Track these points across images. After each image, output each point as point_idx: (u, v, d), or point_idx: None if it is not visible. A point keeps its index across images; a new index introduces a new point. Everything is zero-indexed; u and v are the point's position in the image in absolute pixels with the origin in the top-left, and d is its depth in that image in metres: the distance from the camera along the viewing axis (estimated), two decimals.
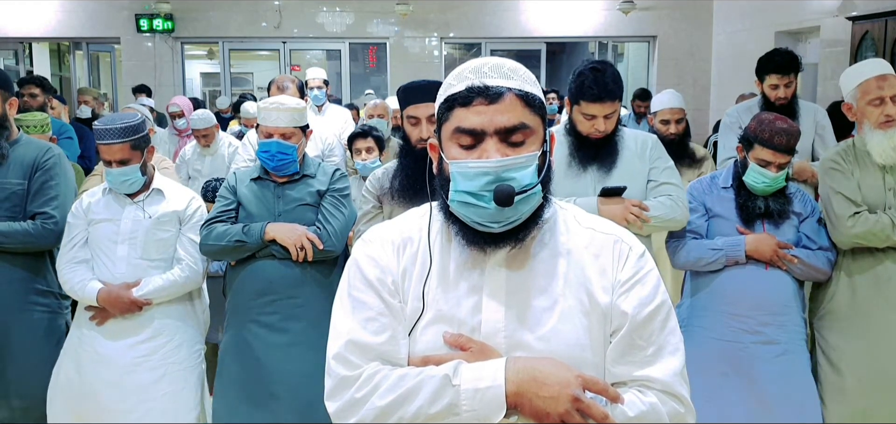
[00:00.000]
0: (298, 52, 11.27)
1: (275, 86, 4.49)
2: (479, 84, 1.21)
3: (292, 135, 2.73)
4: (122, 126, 2.67)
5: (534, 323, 1.23)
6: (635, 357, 1.24)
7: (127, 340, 2.74)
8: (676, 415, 1.23)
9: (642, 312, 1.24)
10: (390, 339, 1.25)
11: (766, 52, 3.72)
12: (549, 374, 1.17)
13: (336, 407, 1.23)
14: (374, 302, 1.26)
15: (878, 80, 2.64)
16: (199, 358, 2.89)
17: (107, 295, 2.69)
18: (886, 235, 2.58)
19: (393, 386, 1.20)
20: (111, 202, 2.79)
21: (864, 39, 6.21)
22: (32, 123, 3.71)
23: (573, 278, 1.26)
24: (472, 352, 1.21)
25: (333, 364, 1.25)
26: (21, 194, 2.79)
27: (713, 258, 2.66)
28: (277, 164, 2.72)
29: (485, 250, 1.24)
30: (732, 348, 2.64)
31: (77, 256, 2.76)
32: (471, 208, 1.20)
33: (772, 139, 2.56)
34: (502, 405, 1.16)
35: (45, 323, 2.89)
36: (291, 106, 2.75)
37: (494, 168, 1.18)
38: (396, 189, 2.52)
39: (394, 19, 10.14)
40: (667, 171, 2.64)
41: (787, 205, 2.69)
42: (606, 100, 2.51)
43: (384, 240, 1.31)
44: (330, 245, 2.69)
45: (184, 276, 2.78)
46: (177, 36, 10.09)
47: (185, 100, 6.08)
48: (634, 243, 1.31)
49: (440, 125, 1.27)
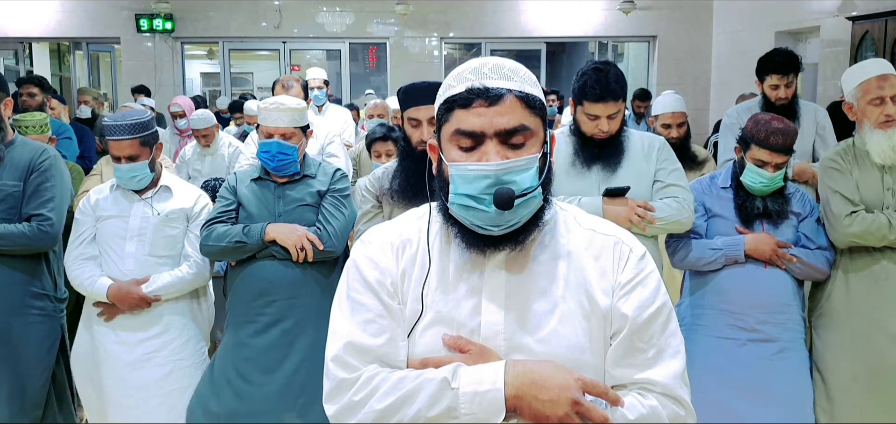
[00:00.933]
0: (298, 51, 11.26)
1: (279, 85, 4.50)
2: (479, 85, 1.20)
3: (293, 136, 2.73)
4: (132, 122, 2.71)
5: (534, 326, 1.23)
6: (635, 359, 1.23)
7: (136, 336, 2.76)
8: (677, 418, 1.22)
9: (643, 314, 1.24)
10: (389, 341, 1.24)
11: (766, 52, 3.71)
12: (549, 377, 1.16)
13: (334, 410, 1.23)
14: (373, 304, 1.26)
15: (879, 80, 2.64)
16: (204, 356, 2.92)
17: (117, 291, 2.72)
18: (883, 235, 2.59)
19: (391, 389, 1.19)
20: (119, 198, 2.81)
21: (864, 39, 6.21)
22: (31, 123, 3.70)
23: (573, 280, 1.25)
24: (472, 355, 1.21)
25: (332, 367, 1.24)
26: (17, 196, 2.78)
27: (713, 257, 2.66)
28: (278, 165, 2.72)
29: (484, 252, 1.24)
30: (731, 346, 2.64)
31: (85, 252, 2.79)
32: (471, 211, 1.20)
33: (768, 139, 2.57)
34: (501, 408, 1.15)
35: (42, 326, 2.88)
36: (292, 106, 2.75)
37: (494, 171, 1.17)
38: (396, 190, 2.52)
39: (394, 19, 10.13)
40: (674, 174, 2.65)
41: (786, 204, 2.70)
42: (609, 100, 2.51)
43: (383, 242, 1.31)
44: (330, 245, 2.68)
45: (192, 273, 2.81)
46: (177, 36, 10.09)
47: (187, 99, 6.07)
48: (635, 244, 1.30)
49: (439, 126, 1.26)
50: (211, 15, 10.00)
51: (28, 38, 10.35)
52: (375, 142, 3.81)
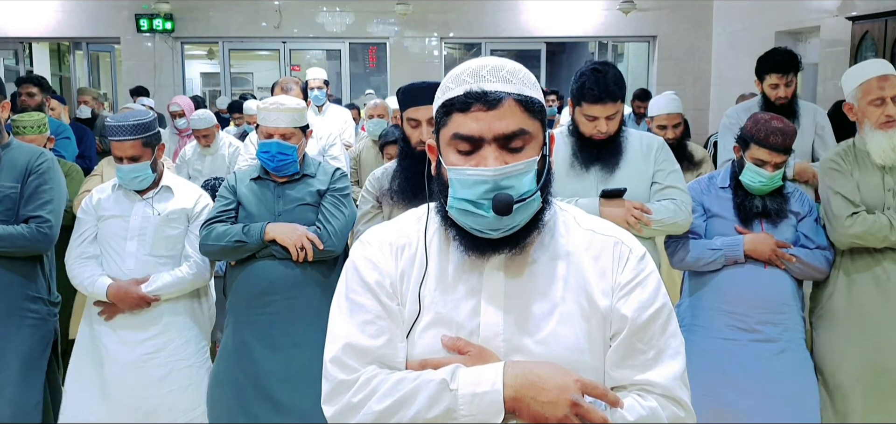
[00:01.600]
0: (298, 51, 11.26)
1: (279, 87, 4.50)
2: (477, 89, 1.19)
3: (292, 136, 2.73)
4: (134, 123, 2.71)
5: (533, 327, 1.22)
6: (635, 360, 1.23)
7: (136, 336, 2.77)
8: (676, 419, 1.21)
9: (642, 315, 1.23)
10: (388, 342, 1.24)
11: (766, 51, 3.71)
12: (548, 379, 1.16)
13: (333, 411, 1.22)
14: (372, 305, 1.25)
15: (880, 81, 2.64)
16: (204, 356, 2.92)
17: (117, 291, 2.72)
18: (884, 235, 2.58)
19: (390, 390, 1.19)
20: (121, 198, 2.82)
21: (864, 39, 6.20)
22: (29, 123, 3.70)
23: (573, 281, 1.25)
24: (471, 356, 1.20)
25: (330, 368, 1.24)
26: (14, 198, 2.79)
27: (712, 258, 2.66)
28: (277, 165, 2.72)
29: (483, 255, 1.23)
30: (731, 347, 2.64)
31: (86, 252, 2.80)
32: (469, 216, 1.19)
33: (767, 138, 2.57)
34: (500, 410, 1.15)
35: (36, 329, 2.88)
36: (291, 106, 2.75)
37: (493, 176, 1.16)
38: (395, 190, 2.52)
39: (394, 19, 10.13)
40: (672, 175, 2.65)
41: (785, 204, 2.69)
42: (607, 101, 2.51)
43: (382, 243, 1.30)
44: (330, 245, 2.68)
45: (192, 273, 2.81)
46: (177, 36, 10.08)
47: (187, 99, 6.06)
48: (635, 245, 1.29)
49: (438, 128, 1.25)
50: (211, 15, 9.99)
51: (28, 38, 10.35)
52: (389, 145, 3.86)
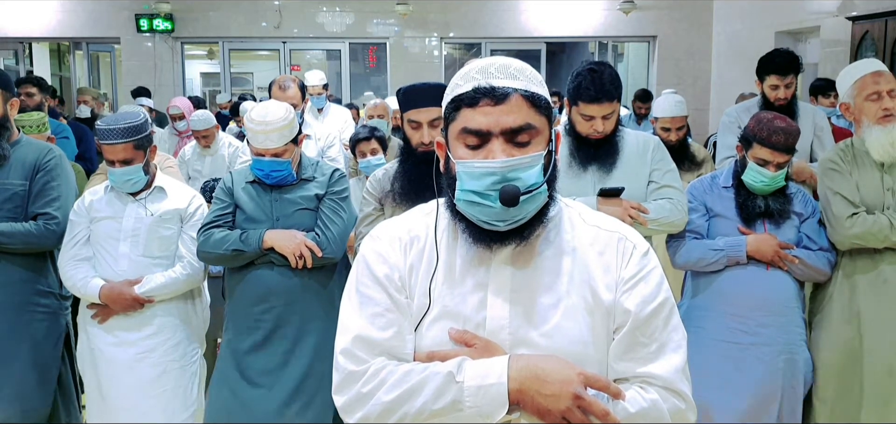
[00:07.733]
0: (298, 52, 11.27)
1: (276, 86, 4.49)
2: (486, 85, 1.22)
3: (284, 151, 2.67)
4: (124, 126, 2.67)
5: (538, 321, 1.25)
6: (638, 354, 1.25)
7: (130, 336, 2.76)
8: (678, 412, 1.24)
9: (645, 309, 1.25)
10: (397, 335, 1.26)
11: (767, 52, 3.72)
12: (551, 372, 1.18)
13: (343, 401, 1.25)
14: (382, 299, 1.28)
15: (874, 76, 2.65)
16: (197, 357, 2.92)
17: (109, 292, 2.71)
18: (885, 236, 2.58)
19: (398, 382, 1.21)
20: (113, 199, 2.80)
21: (864, 39, 6.22)
22: (30, 123, 3.71)
23: (577, 276, 1.27)
24: (477, 349, 1.23)
25: (341, 359, 1.27)
26: (22, 195, 2.80)
27: (714, 258, 2.66)
28: (273, 181, 2.70)
29: (490, 247, 1.26)
30: (732, 349, 2.64)
31: (79, 254, 2.78)
32: (477, 207, 1.22)
33: (770, 138, 2.57)
34: (505, 402, 1.17)
35: (47, 324, 2.90)
36: (278, 123, 2.63)
37: (500, 168, 1.19)
38: (397, 191, 2.50)
39: (394, 19, 10.14)
40: (668, 175, 2.65)
41: (788, 204, 2.69)
42: (604, 101, 2.52)
43: (392, 237, 1.33)
44: (329, 251, 2.65)
45: (185, 274, 2.79)
46: (177, 36, 10.10)
47: (186, 101, 6.07)
48: (639, 240, 1.32)
49: (447, 124, 1.28)
50: (211, 15, 10.01)
51: (28, 38, 10.37)
52: (360, 143, 3.89)
